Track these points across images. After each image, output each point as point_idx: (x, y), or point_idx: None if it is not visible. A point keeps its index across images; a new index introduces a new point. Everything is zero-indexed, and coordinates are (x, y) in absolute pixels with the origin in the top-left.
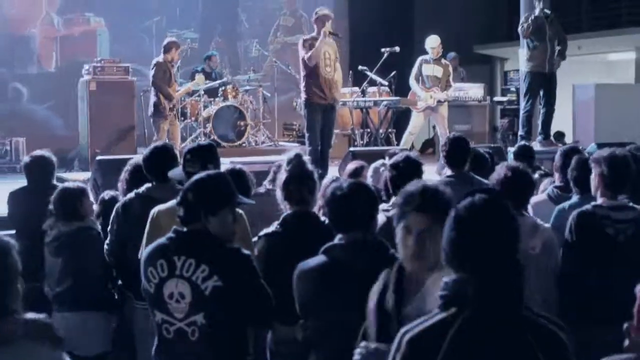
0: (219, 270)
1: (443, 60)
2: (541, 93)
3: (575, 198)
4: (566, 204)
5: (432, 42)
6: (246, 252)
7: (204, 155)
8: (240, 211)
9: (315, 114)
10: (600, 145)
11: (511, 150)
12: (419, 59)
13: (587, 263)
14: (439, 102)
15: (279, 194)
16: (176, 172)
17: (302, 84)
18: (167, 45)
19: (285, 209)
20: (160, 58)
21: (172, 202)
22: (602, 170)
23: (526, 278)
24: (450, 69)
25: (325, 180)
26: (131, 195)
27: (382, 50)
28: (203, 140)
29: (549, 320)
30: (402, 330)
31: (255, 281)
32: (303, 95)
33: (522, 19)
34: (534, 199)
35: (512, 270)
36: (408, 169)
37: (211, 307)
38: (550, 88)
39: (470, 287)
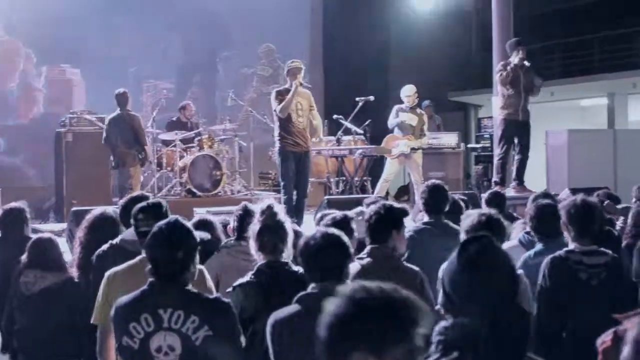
0: (209, 320)
1: (418, 110)
2: (515, 140)
3: (539, 246)
4: (531, 252)
5: (408, 91)
6: (227, 300)
7: (156, 213)
8: (201, 266)
9: (288, 162)
10: (573, 191)
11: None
12: (395, 107)
13: (562, 308)
14: (413, 149)
15: (252, 244)
16: (127, 234)
17: (276, 134)
18: (123, 96)
19: (259, 259)
20: (124, 111)
21: (128, 263)
22: (570, 218)
23: None
24: (425, 118)
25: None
26: (106, 246)
27: (357, 99)
28: (179, 190)
29: None
30: None
31: (236, 330)
32: (277, 145)
33: (499, 67)
34: (505, 245)
35: (517, 313)
36: (388, 217)
37: (201, 357)
38: (525, 135)
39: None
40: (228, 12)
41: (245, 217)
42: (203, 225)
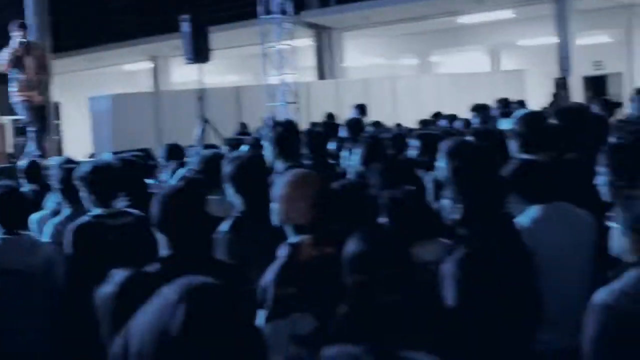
0: None
1: None
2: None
3: (67, 211)
4: (60, 218)
5: None
6: None
7: None
8: None
9: None
10: (115, 154)
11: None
12: None
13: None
14: None
15: None
16: None
17: None
18: None
19: None
20: None
21: None
22: (89, 184)
23: None
24: None
25: None
26: None
27: None
28: None
29: None
30: None
31: None
32: None
33: (2, 52)
34: (36, 216)
35: None
36: None
37: None
38: (44, 114)
39: None
40: None
41: None
42: None
